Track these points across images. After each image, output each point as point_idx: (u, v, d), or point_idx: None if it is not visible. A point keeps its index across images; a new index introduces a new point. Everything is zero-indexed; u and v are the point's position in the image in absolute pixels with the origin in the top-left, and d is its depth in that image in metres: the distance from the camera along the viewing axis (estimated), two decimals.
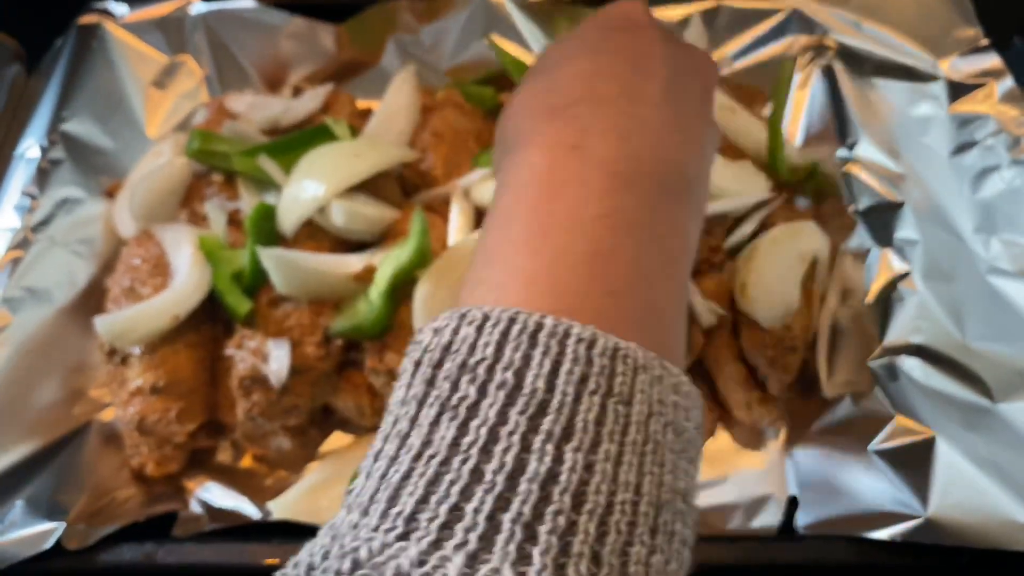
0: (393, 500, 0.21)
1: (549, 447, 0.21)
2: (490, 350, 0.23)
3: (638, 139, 0.28)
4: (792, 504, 0.60)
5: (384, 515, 0.20)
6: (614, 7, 0.40)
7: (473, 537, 0.19)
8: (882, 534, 0.51)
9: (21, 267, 0.66)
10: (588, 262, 0.25)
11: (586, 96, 0.30)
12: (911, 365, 0.56)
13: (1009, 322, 0.59)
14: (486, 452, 0.21)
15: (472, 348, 0.23)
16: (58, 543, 0.54)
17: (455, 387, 0.22)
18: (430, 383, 0.23)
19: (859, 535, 0.52)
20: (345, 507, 0.23)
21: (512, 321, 0.23)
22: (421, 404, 0.23)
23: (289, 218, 0.62)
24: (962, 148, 0.69)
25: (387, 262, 0.60)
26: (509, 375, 0.22)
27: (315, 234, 0.64)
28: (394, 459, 0.22)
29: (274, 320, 0.61)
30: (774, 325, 0.60)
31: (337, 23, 0.81)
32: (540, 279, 0.25)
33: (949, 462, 0.52)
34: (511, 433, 0.21)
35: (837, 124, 0.72)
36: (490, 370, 0.22)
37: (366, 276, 0.61)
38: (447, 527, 0.19)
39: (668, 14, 0.80)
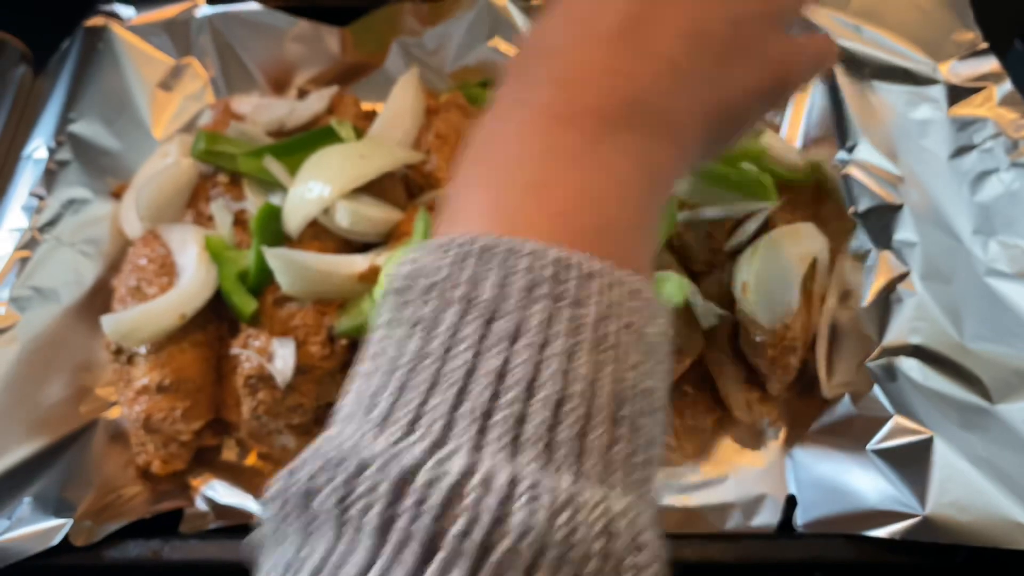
0: (368, 409, 0.23)
1: (500, 347, 0.22)
2: (446, 271, 0.24)
3: (577, 83, 0.29)
4: (791, 503, 0.61)
5: (360, 423, 0.23)
6: None
7: (436, 427, 0.21)
8: (880, 532, 0.52)
9: (28, 267, 0.67)
10: (533, 191, 0.26)
11: (536, 49, 0.31)
12: (909, 366, 0.57)
13: (1007, 323, 0.59)
14: (445, 358, 0.23)
15: (436, 270, 0.25)
16: (65, 539, 0.55)
17: (423, 304, 0.24)
18: (400, 307, 0.25)
19: (857, 533, 0.53)
20: (327, 427, 0.25)
21: (471, 242, 0.25)
22: (392, 326, 0.25)
23: (294, 218, 0.63)
24: (961, 151, 0.70)
25: (391, 262, 0.61)
26: (465, 288, 0.24)
27: (320, 235, 0.65)
28: (369, 375, 0.24)
29: (279, 319, 0.62)
30: (774, 325, 0.61)
31: (342, 26, 0.82)
32: (488, 209, 0.26)
33: (947, 462, 0.52)
34: (467, 338, 0.23)
35: (837, 127, 0.72)
36: (451, 287, 0.24)
37: (371, 276, 0.61)
38: (411, 427, 0.22)
39: None
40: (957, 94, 0.74)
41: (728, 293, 0.66)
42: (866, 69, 0.76)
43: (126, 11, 0.82)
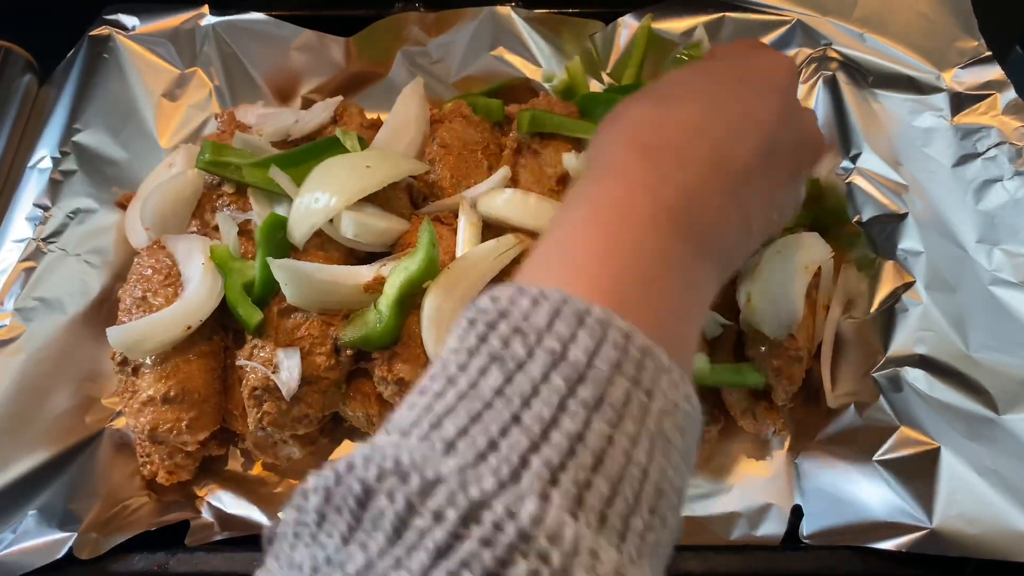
0: (436, 426, 0.24)
1: (582, 411, 0.24)
2: (543, 320, 0.26)
3: (700, 204, 0.33)
4: (796, 513, 0.61)
5: (425, 437, 0.23)
6: (765, 56, 0.43)
7: (506, 469, 0.22)
8: (887, 544, 0.52)
9: (34, 277, 0.67)
10: (643, 283, 0.29)
11: (679, 147, 0.34)
12: (915, 376, 0.57)
13: (1012, 332, 0.59)
14: (527, 403, 0.24)
15: (526, 316, 0.26)
16: (70, 552, 0.55)
17: (506, 344, 0.25)
18: (482, 339, 0.26)
19: (864, 545, 0.53)
20: (383, 431, 0.26)
21: (564, 301, 0.26)
22: (472, 354, 0.26)
23: (300, 228, 0.63)
24: (965, 159, 0.70)
25: (396, 273, 0.61)
26: (556, 344, 0.25)
27: (325, 245, 0.65)
28: (439, 395, 0.25)
29: (285, 330, 0.62)
30: (779, 335, 0.61)
31: (346, 36, 0.82)
32: (603, 282, 0.28)
33: (953, 473, 0.52)
34: (552, 392, 0.24)
35: (840, 135, 0.72)
36: (540, 337, 0.25)
37: (375, 286, 0.61)
38: (483, 457, 0.22)
39: (674, 26, 0.81)
40: (961, 102, 0.73)
41: (732, 303, 0.66)
42: (869, 77, 0.76)
43: (130, 21, 0.82)
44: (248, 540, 0.59)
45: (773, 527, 0.61)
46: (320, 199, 0.63)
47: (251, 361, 0.61)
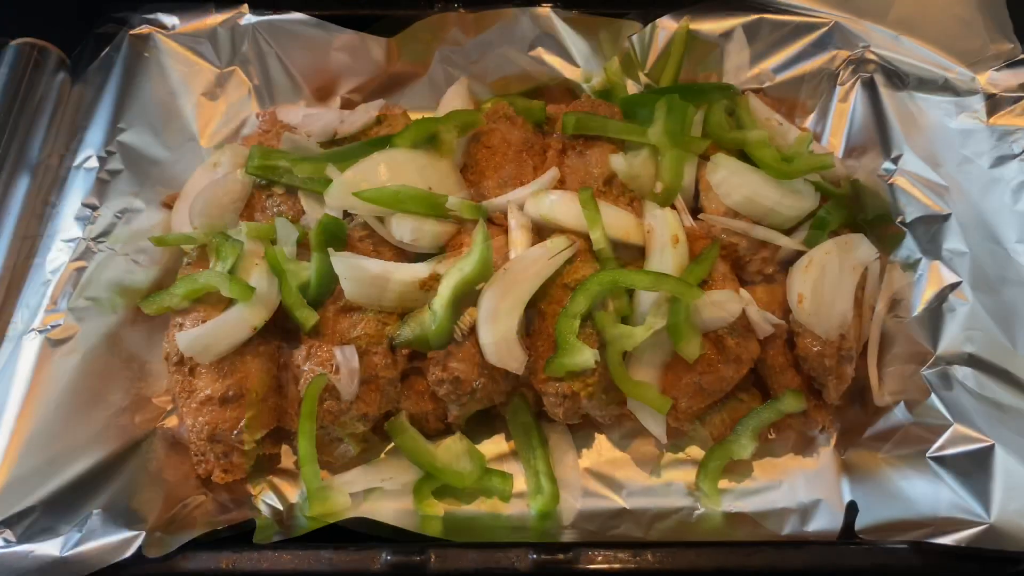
0: None
1: None
2: None
3: None
4: (848, 508, 0.62)
5: None
6: None
7: None
8: (945, 540, 0.53)
9: (84, 277, 0.67)
10: None
11: None
12: (965, 374, 0.58)
13: None
14: None
15: None
16: (138, 551, 0.55)
17: None
18: None
19: (923, 541, 0.54)
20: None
21: None
22: None
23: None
24: (1002, 160, 0.71)
25: (450, 274, 0.61)
26: None
27: (377, 247, 0.65)
28: None
29: (341, 330, 0.62)
30: (830, 336, 0.62)
31: (382, 35, 0.82)
32: None
33: (1009, 469, 0.53)
34: None
35: (880, 137, 0.73)
36: None
37: (432, 283, 0.62)
38: None
39: (711, 27, 0.82)
40: (996, 104, 0.74)
41: (781, 302, 0.67)
42: (906, 79, 0.76)
43: (170, 20, 0.82)
44: (312, 537, 0.59)
45: (824, 522, 0.62)
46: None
47: (308, 362, 0.61)
